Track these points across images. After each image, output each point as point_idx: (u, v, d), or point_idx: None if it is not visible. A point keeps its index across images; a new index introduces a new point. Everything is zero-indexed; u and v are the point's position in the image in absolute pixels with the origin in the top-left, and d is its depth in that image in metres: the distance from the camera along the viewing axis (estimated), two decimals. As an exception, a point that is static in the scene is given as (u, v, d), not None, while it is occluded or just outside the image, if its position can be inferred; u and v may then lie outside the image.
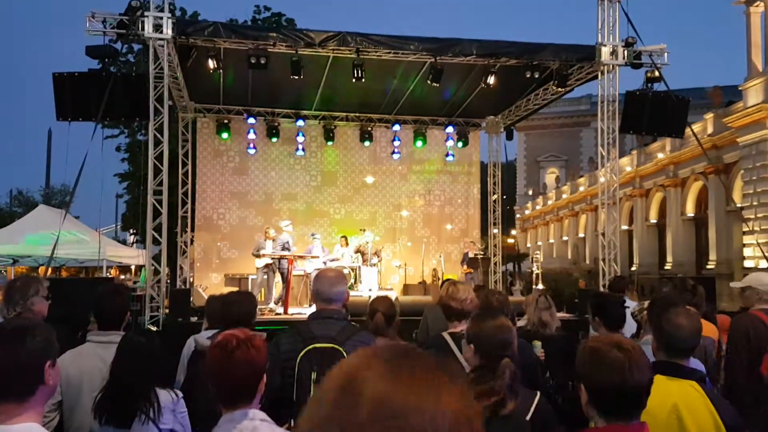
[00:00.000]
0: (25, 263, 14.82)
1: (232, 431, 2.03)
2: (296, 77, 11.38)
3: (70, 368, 3.01)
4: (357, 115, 16.01)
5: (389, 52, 11.50)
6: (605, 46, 11.75)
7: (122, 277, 26.56)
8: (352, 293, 12.36)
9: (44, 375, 1.83)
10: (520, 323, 4.89)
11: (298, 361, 2.87)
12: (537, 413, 2.45)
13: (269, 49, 10.95)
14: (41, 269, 14.04)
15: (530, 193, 51.50)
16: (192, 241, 15.47)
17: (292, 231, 12.40)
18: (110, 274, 19.55)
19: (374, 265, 13.45)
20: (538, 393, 2.54)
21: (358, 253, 13.71)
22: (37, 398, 1.84)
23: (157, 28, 10.24)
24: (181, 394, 3.01)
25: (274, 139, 15.66)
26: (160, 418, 2.72)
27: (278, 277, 12.58)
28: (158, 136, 10.60)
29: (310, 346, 2.89)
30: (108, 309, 3.33)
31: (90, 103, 9.85)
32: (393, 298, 4.27)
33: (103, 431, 2.72)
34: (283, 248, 11.88)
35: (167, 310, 10.55)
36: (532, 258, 19.19)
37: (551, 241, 45.07)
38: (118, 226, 29.91)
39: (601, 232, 12.95)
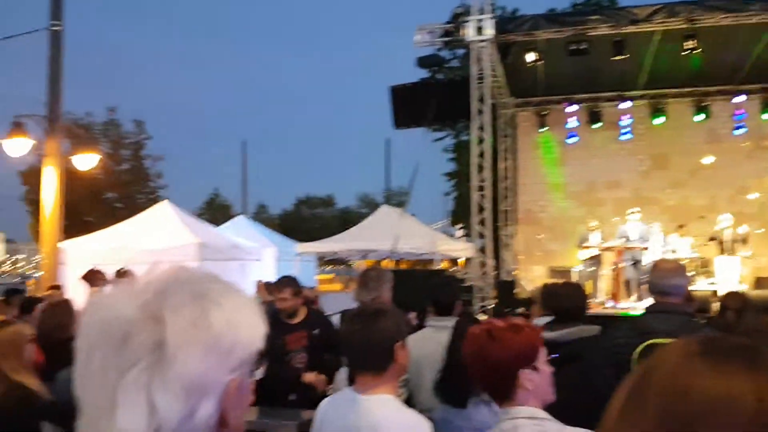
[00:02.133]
0: (373, 257, 16.93)
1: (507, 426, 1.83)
2: (618, 57, 10.80)
3: (413, 350, 3.33)
4: (689, 90, 14.41)
5: (726, 17, 10.12)
6: None
7: (453, 268, 28.50)
8: (692, 288, 11.17)
9: (395, 353, 2.06)
10: None
11: (635, 357, 2.71)
12: None
13: (589, 33, 10.59)
14: (384, 262, 15.90)
15: None
16: (515, 234, 15.81)
17: (638, 219, 11.71)
18: (441, 266, 21.12)
19: (729, 248, 11.64)
20: None
21: (713, 241, 12.17)
22: (390, 374, 2.07)
23: (479, 30, 10.70)
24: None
25: (596, 125, 14.99)
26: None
27: (606, 269, 12.04)
28: (481, 134, 11.09)
29: (649, 341, 2.71)
30: (441, 297, 3.66)
31: (421, 110, 10.81)
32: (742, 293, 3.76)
33: (443, 409, 2.93)
34: (627, 239, 11.30)
35: (495, 300, 11.00)
36: None
37: None
38: (448, 222, 32.14)
39: None
